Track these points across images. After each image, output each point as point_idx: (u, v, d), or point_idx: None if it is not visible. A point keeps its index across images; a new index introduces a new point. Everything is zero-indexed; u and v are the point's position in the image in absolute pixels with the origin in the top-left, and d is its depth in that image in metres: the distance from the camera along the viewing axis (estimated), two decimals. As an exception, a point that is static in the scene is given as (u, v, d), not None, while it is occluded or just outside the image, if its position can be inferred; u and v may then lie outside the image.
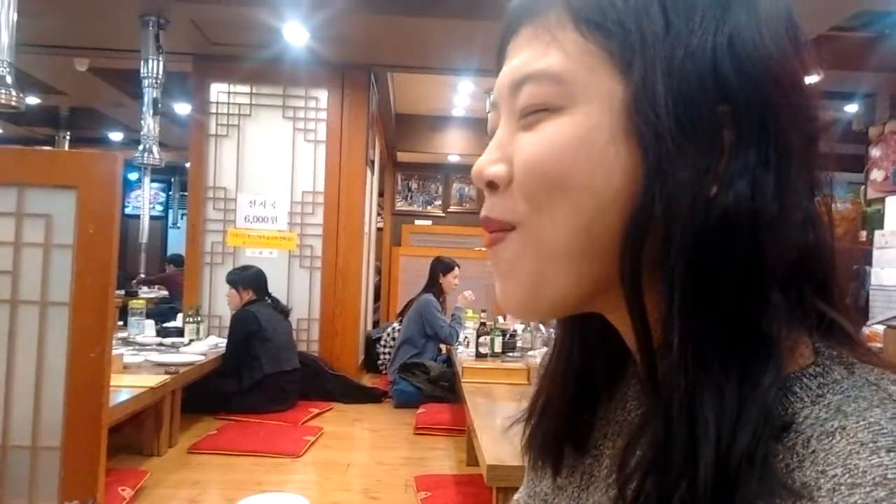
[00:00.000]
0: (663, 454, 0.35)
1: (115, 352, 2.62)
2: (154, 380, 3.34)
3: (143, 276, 8.82)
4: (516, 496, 0.59)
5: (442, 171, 9.74)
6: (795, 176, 0.38)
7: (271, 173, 5.32)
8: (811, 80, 0.40)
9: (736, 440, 0.34)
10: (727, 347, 0.36)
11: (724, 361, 0.36)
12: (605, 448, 0.48)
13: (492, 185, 0.43)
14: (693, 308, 0.36)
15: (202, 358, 4.09)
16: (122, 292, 6.41)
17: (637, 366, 0.42)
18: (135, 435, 3.53)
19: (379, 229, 8.25)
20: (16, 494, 1.99)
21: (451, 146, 8.79)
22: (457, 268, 5.47)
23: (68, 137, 8.82)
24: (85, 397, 2.07)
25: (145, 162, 4.76)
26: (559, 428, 0.50)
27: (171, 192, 12.77)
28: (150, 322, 4.63)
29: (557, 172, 0.39)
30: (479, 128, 7.89)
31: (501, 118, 0.44)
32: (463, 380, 3.68)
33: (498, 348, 4.16)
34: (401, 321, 5.54)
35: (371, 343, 6.03)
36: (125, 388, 3.06)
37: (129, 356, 3.77)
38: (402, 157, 9.25)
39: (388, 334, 5.84)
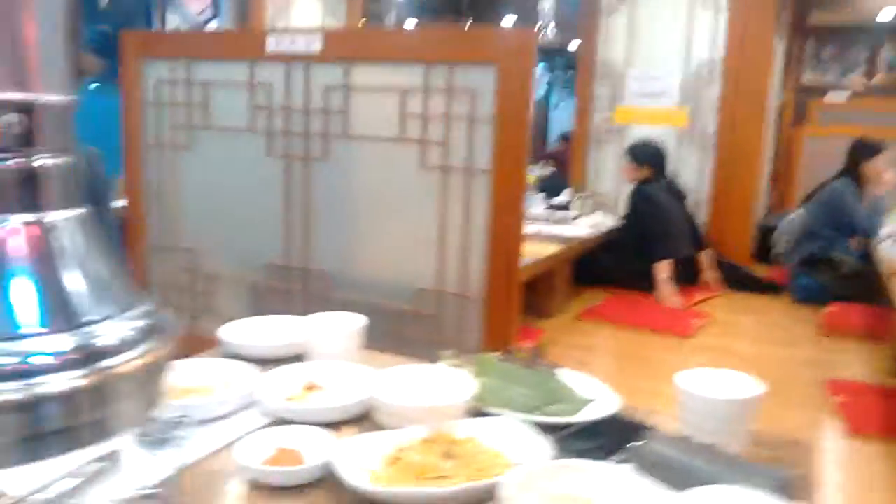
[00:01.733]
0: None
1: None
2: (547, 250, 3.58)
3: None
4: None
5: (867, 33, 8.07)
6: None
7: (663, 46, 5.01)
8: None
9: None
10: None
11: None
12: None
13: None
14: None
15: (589, 232, 4.25)
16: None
17: None
18: (530, 299, 3.85)
19: (779, 105, 7.31)
20: (447, 337, 2.32)
21: (883, 1, 7.19)
22: (885, 151, 4.56)
23: (469, 24, 9.54)
24: (502, 257, 2.27)
25: (541, 42, 4.88)
26: None
27: (554, 73, 13.11)
28: (541, 196, 4.90)
29: None
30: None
31: None
32: (891, 282, 3.11)
33: (941, 248, 3.40)
34: (803, 209, 4.91)
35: (766, 231, 5.50)
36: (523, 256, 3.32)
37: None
38: (815, 18, 7.88)
39: (787, 222, 5.24)
